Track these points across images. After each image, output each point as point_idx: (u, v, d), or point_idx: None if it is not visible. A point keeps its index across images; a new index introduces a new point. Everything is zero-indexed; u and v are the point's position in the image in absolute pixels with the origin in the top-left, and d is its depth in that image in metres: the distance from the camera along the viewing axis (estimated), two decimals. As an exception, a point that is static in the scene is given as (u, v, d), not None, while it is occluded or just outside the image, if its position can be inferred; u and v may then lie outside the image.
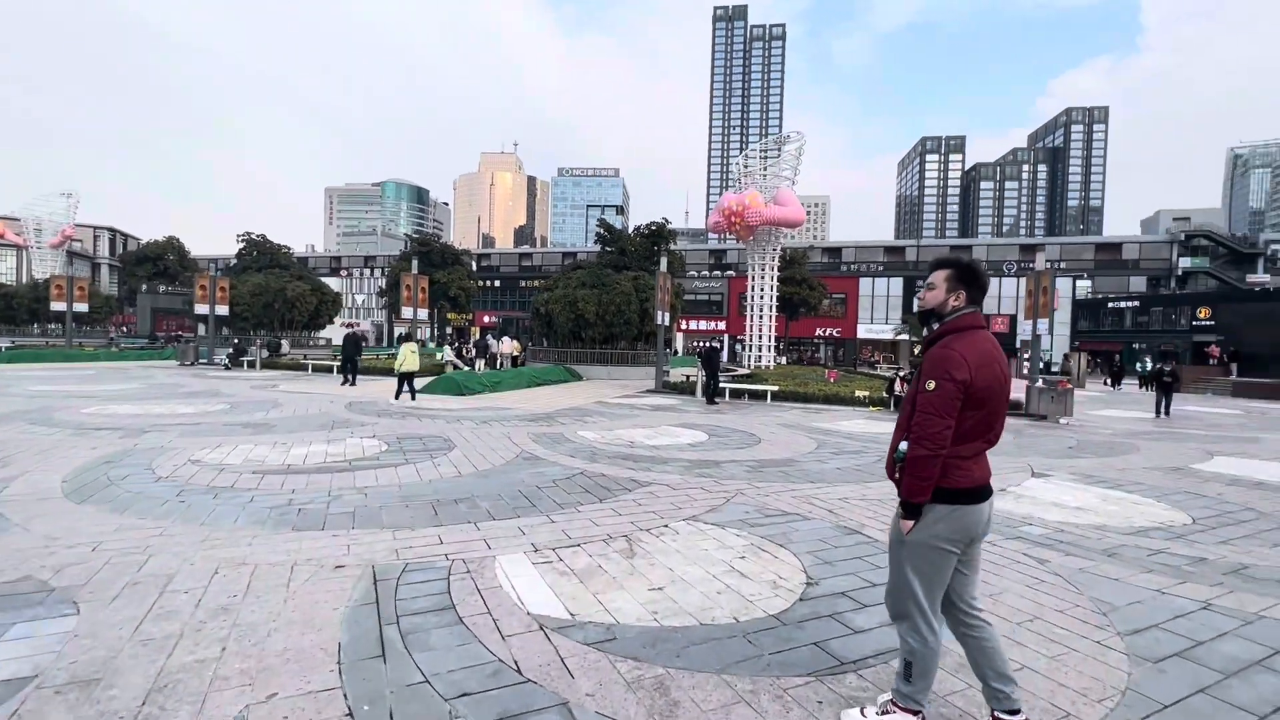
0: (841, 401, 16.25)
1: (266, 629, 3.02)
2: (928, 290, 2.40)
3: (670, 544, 4.54)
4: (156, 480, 5.88)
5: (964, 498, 2.26)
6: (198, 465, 6.56)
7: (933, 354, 2.29)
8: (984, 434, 2.30)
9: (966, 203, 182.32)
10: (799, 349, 55.08)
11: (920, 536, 2.28)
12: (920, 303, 2.46)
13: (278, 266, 40.44)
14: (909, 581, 2.33)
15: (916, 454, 2.21)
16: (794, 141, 32.89)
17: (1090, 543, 4.92)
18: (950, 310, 2.36)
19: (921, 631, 2.31)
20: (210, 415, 10.54)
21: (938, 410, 2.18)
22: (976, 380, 2.19)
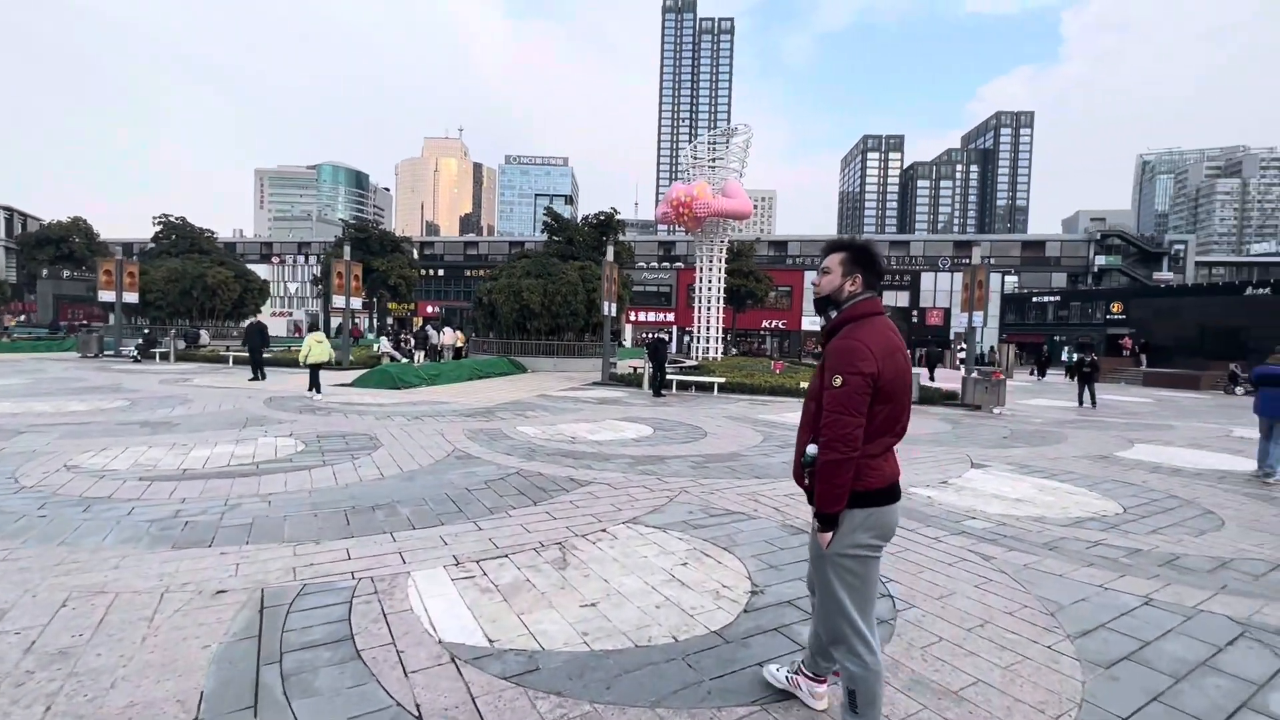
0: (787, 393, 16.31)
1: (112, 678, 2.50)
2: (823, 275, 2.21)
3: (607, 551, 4.20)
4: (17, 491, 5.09)
5: (879, 499, 2.10)
6: (73, 472, 5.76)
7: (835, 346, 2.10)
8: (892, 428, 2.13)
9: (905, 200, 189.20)
10: (746, 340, 55.78)
11: (842, 547, 2.12)
12: (816, 289, 2.28)
13: (199, 251, 37.66)
14: (839, 599, 2.15)
15: (829, 458, 2.02)
16: (742, 134, 32.98)
17: (1032, 536, 4.88)
18: (848, 296, 2.18)
19: (859, 653, 2.12)
20: (104, 413, 9.49)
21: (848, 408, 2.00)
22: (884, 372, 2.03)
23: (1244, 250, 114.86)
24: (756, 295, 45.52)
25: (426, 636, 2.94)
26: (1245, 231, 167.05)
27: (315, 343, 12.59)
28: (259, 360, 15.85)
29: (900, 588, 3.74)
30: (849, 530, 2.10)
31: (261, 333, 16.08)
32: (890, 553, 4.35)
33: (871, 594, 2.18)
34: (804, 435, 2.18)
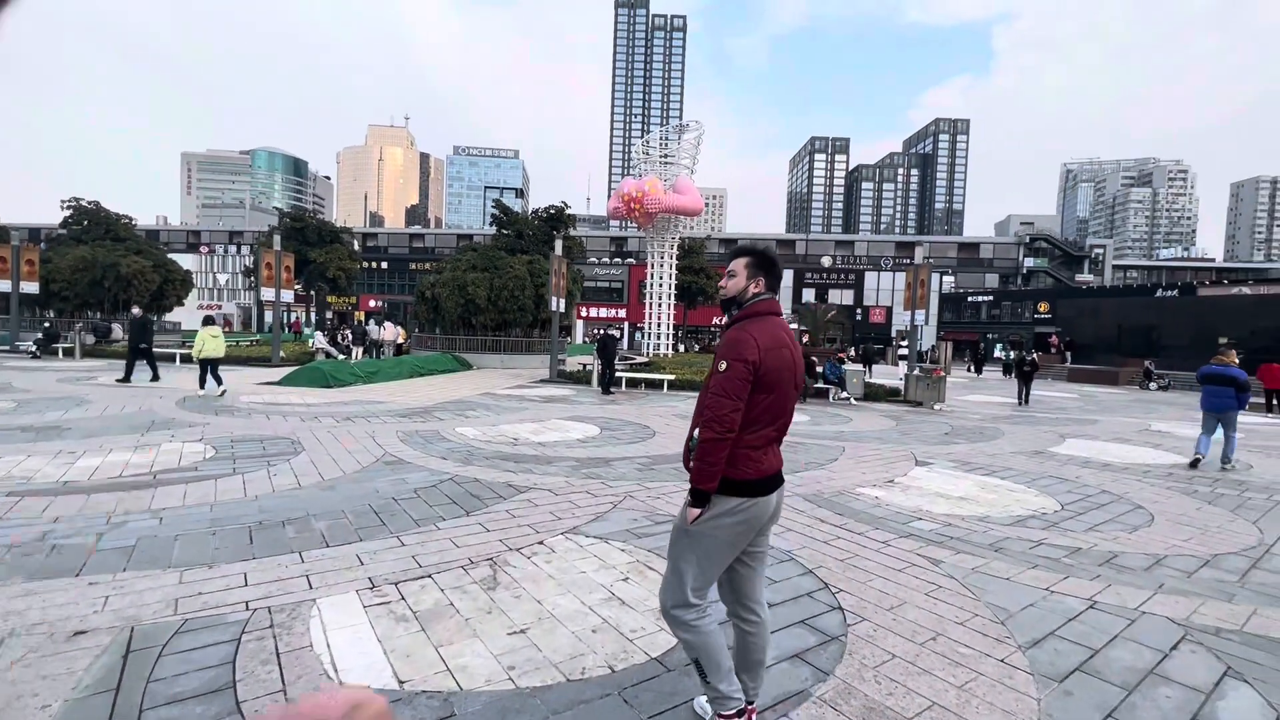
0: (736, 390, 16.27)
1: (-88, 755, 2.03)
2: (729, 279, 2.37)
3: (543, 567, 3.88)
4: None
5: (751, 489, 2.18)
6: (-74, 487, 5.00)
7: (726, 337, 2.26)
8: (773, 421, 2.24)
9: (850, 201, 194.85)
10: (697, 337, 56.10)
11: (704, 527, 2.19)
12: (722, 291, 2.41)
13: (114, 239, 34.83)
14: (682, 572, 2.23)
15: (706, 436, 2.12)
16: (693, 130, 32.94)
17: (977, 537, 4.84)
18: (750, 296, 2.34)
19: (688, 620, 2.22)
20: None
21: (727, 391, 2.14)
22: (766, 362, 2.16)
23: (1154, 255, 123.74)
24: (707, 292, 45.76)
25: (325, 680, 2.55)
26: (1155, 237, 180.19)
27: (210, 337, 11.77)
28: (138, 358, 13.39)
29: (850, 599, 3.57)
30: (716, 513, 2.17)
31: (144, 327, 13.90)
32: (840, 559, 4.20)
33: (719, 571, 2.28)
34: (696, 422, 2.23)
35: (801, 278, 55.92)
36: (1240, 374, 8.18)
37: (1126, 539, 4.98)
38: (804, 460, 7.63)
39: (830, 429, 10.49)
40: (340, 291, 50.02)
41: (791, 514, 5.24)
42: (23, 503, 4.72)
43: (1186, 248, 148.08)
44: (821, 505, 5.58)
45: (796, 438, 9.30)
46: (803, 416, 12.04)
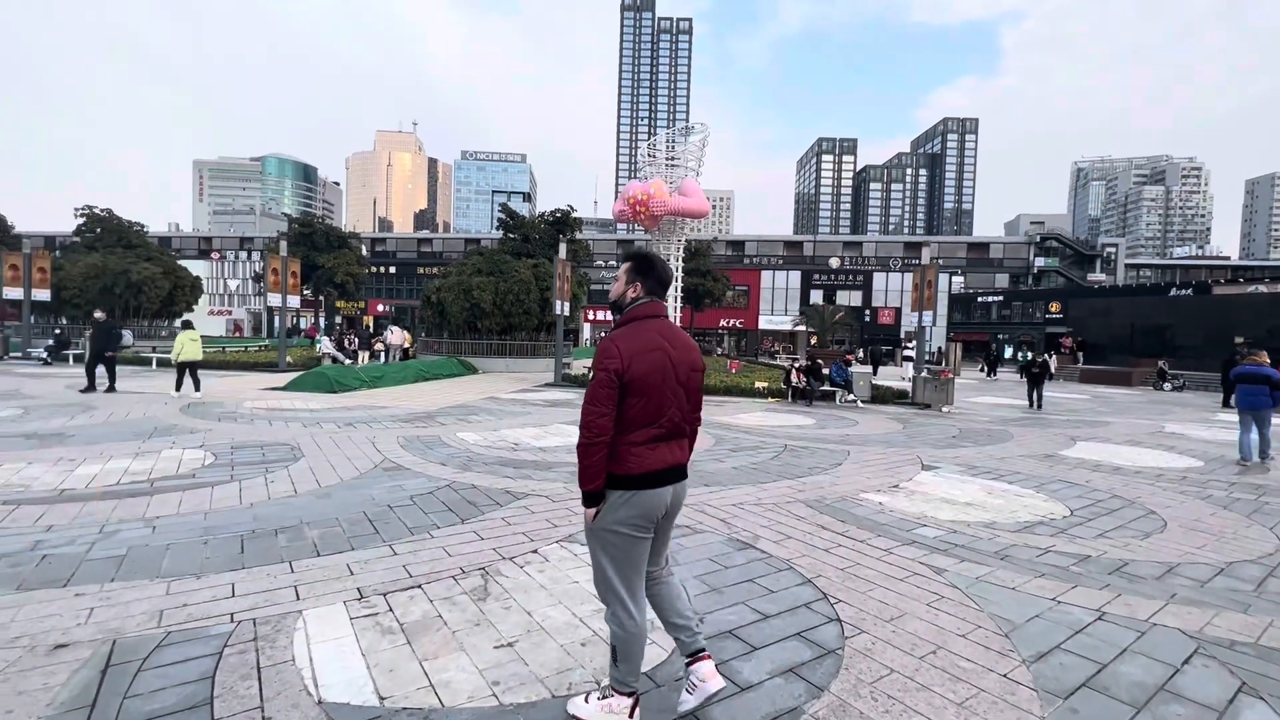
0: (741, 393, 16.19)
1: (-123, 775, 1.98)
2: (614, 283, 2.49)
3: (536, 576, 3.81)
4: None
5: (638, 483, 2.28)
6: (-76, 496, 5.01)
7: (599, 345, 2.35)
8: (655, 419, 2.31)
9: (858, 202, 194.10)
10: (704, 339, 55.95)
11: (604, 523, 2.31)
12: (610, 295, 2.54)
13: (126, 246, 35.25)
14: (603, 568, 2.35)
15: (579, 442, 2.27)
16: (699, 133, 32.93)
17: (983, 544, 4.73)
18: (630, 301, 2.43)
19: (620, 618, 2.33)
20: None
21: (594, 398, 2.24)
22: (633, 368, 2.24)
23: (1167, 254, 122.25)
24: (714, 294, 45.67)
25: (305, 696, 2.49)
26: (1168, 236, 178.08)
27: (188, 340, 12.20)
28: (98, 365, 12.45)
29: (849, 610, 3.47)
30: (610, 509, 2.29)
31: (108, 333, 12.62)
32: (840, 568, 4.10)
33: (637, 567, 2.37)
34: None
35: (809, 279, 55.66)
36: (1275, 373, 8.50)
37: (1138, 546, 4.84)
38: (807, 465, 7.52)
39: (836, 432, 10.37)
40: (349, 296, 50.42)
41: (792, 521, 5.14)
42: (18, 511, 4.71)
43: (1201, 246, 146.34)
44: (823, 511, 5.48)
45: (800, 441, 9.20)
46: (808, 419, 11.93)
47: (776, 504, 5.67)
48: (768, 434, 9.92)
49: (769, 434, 9.93)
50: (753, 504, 5.65)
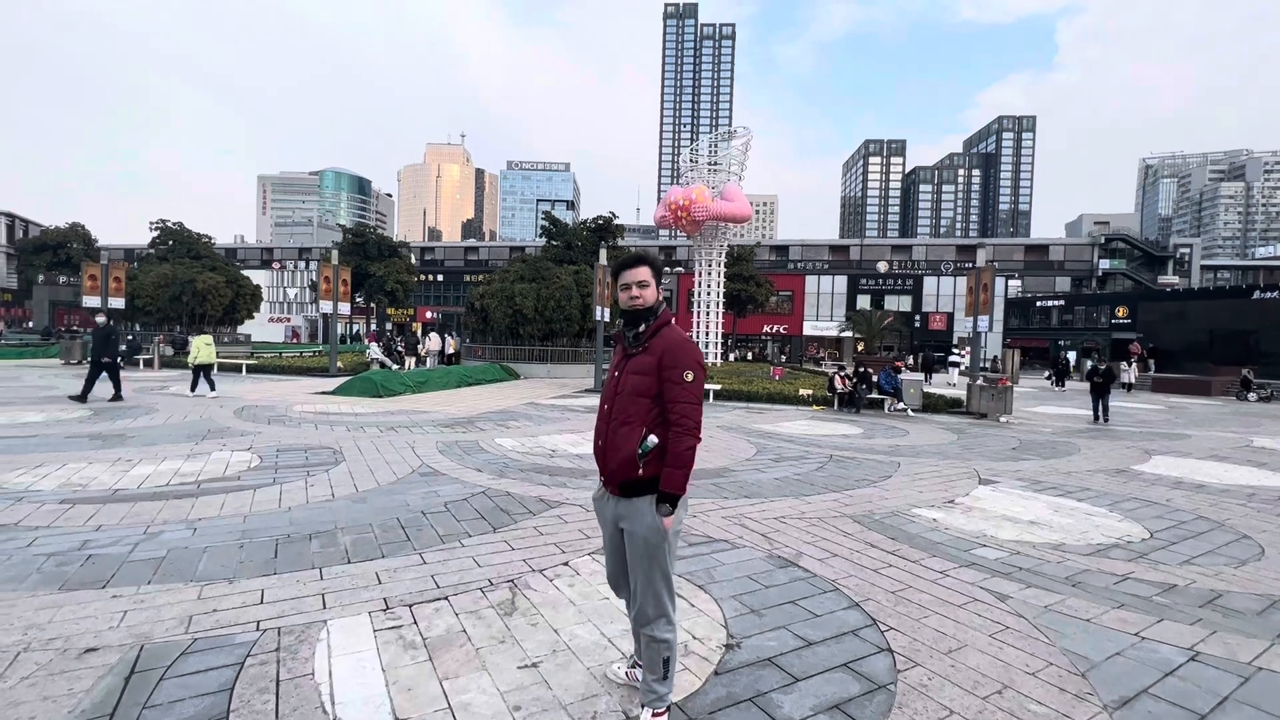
0: (785, 400, 15.76)
1: (-102, 780, 1.97)
2: (641, 289, 2.41)
3: (565, 591, 3.66)
4: (-84, 517, 4.57)
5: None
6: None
7: (677, 342, 2.35)
8: None
9: (907, 204, 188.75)
10: (747, 346, 55.23)
11: (677, 525, 2.37)
12: (635, 302, 2.41)
13: (194, 257, 37.28)
14: (665, 578, 2.36)
15: (690, 444, 2.28)
16: (741, 136, 32.55)
17: (1050, 568, 4.33)
18: (659, 303, 2.44)
19: (673, 629, 2.37)
20: (58, 424, 8.99)
21: (698, 398, 2.31)
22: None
23: (1249, 254, 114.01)
24: (757, 300, 45.03)
25: (319, 714, 2.40)
26: (1249, 235, 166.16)
27: (204, 345, 13.44)
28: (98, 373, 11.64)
29: (902, 639, 3.18)
30: (682, 512, 2.37)
31: (107, 339, 11.58)
32: (891, 591, 3.80)
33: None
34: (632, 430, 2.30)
35: (856, 284, 54.28)
36: None
37: (1232, 575, 4.34)
38: (854, 477, 7.16)
39: (884, 442, 9.90)
40: (398, 303, 51.92)
41: (838, 537, 4.84)
42: (73, 510, 4.86)
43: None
44: (871, 527, 5.15)
45: (847, 452, 8.81)
46: (854, 429, 11.47)
47: (821, 518, 5.37)
48: (812, 443, 9.55)
49: (813, 443, 9.56)
50: (795, 518, 5.36)
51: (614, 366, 2.47)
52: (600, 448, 2.42)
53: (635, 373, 2.34)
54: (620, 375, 2.39)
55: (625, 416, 2.32)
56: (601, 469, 2.44)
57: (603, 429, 2.41)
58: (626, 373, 2.36)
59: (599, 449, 2.43)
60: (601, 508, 2.51)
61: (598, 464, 2.47)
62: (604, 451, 2.39)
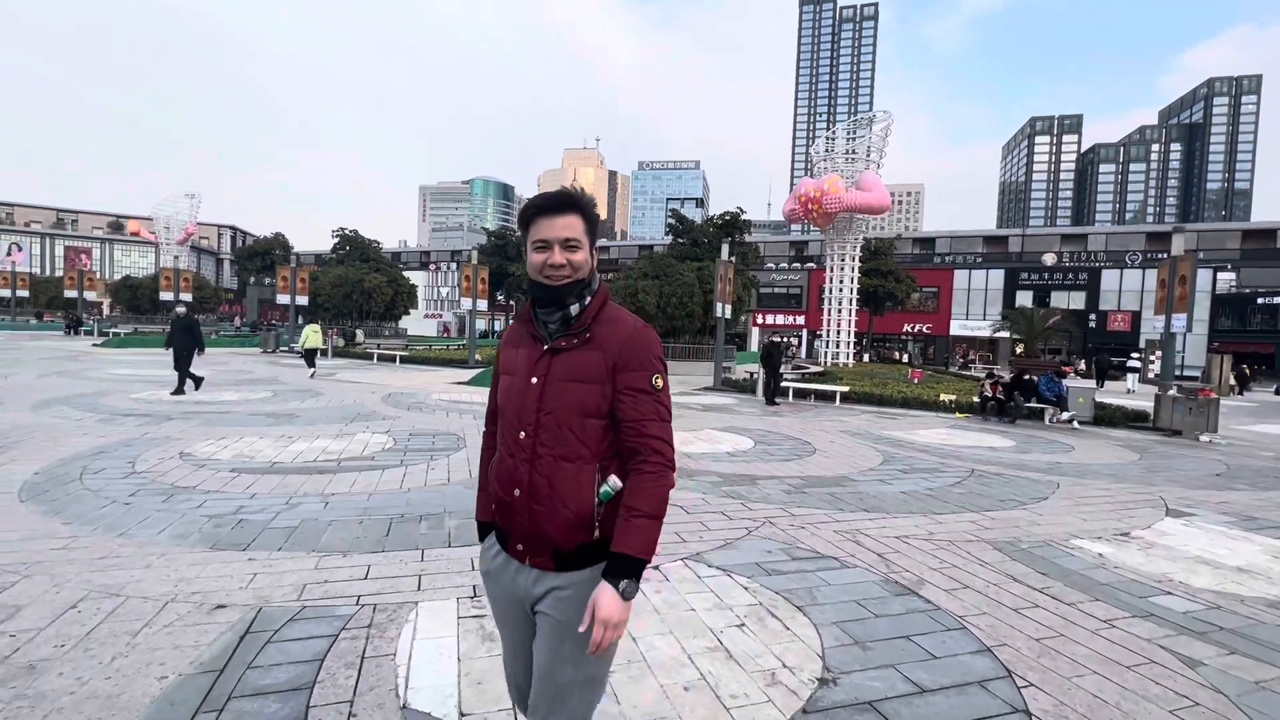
0: (923, 406, 14.38)
1: (53, 706, 2.27)
2: (569, 250, 1.45)
3: (651, 597, 3.49)
4: (126, 477, 5.48)
5: None
6: (183, 460, 6.17)
7: (634, 331, 1.48)
8: None
9: (1082, 188, 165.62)
10: (884, 346, 51.68)
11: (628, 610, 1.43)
12: (558, 272, 1.45)
13: (367, 260, 42.35)
14: (601, 689, 1.51)
15: (669, 485, 1.44)
16: (881, 121, 30.31)
17: (1265, 632, 3.39)
18: (594, 274, 1.53)
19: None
20: (246, 403, 10.49)
21: (670, 413, 1.50)
22: None
23: None
24: (897, 297, 41.94)
25: (392, 698, 2.43)
26: None
27: (312, 333, 16.15)
28: (187, 365, 10.97)
29: (1045, 700, 2.62)
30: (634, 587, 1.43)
31: (188, 329, 10.88)
32: (1035, 638, 3.18)
33: None
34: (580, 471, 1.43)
35: (1015, 278, 48.55)
36: None
37: None
38: (999, 496, 6.25)
39: (1042, 458, 8.61)
40: (534, 301, 55.05)
41: (971, 565, 4.20)
42: (238, 479, 5.57)
43: None
44: (1015, 557, 4.41)
45: (993, 466, 7.76)
46: (1004, 441, 10.13)
47: (953, 541, 4.71)
48: (951, 454, 8.55)
49: (952, 454, 8.55)
50: (921, 538, 4.75)
51: (521, 367, 1.50)
52: (516, 499, 1.45)
53: (573, 379, 1.44)
54: (542, 382, 1.45)
55: (563, 449, 1.42)
56: (513, 529, 1.48)
57: (516, 469, 1.45)
58: (554, 379, 1.44)
59: (512, 501, 1.46)
60: (501, 582, 1.53)
61: (501, 521, 1.52)
62: (526, 504, 1.44)
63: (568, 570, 1.44)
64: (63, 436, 6.98)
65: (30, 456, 6.01)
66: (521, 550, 1.47)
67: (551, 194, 1.45)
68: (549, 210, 1.44)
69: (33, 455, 6.06)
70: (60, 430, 7.32)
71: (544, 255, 1.44)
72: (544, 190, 1.63)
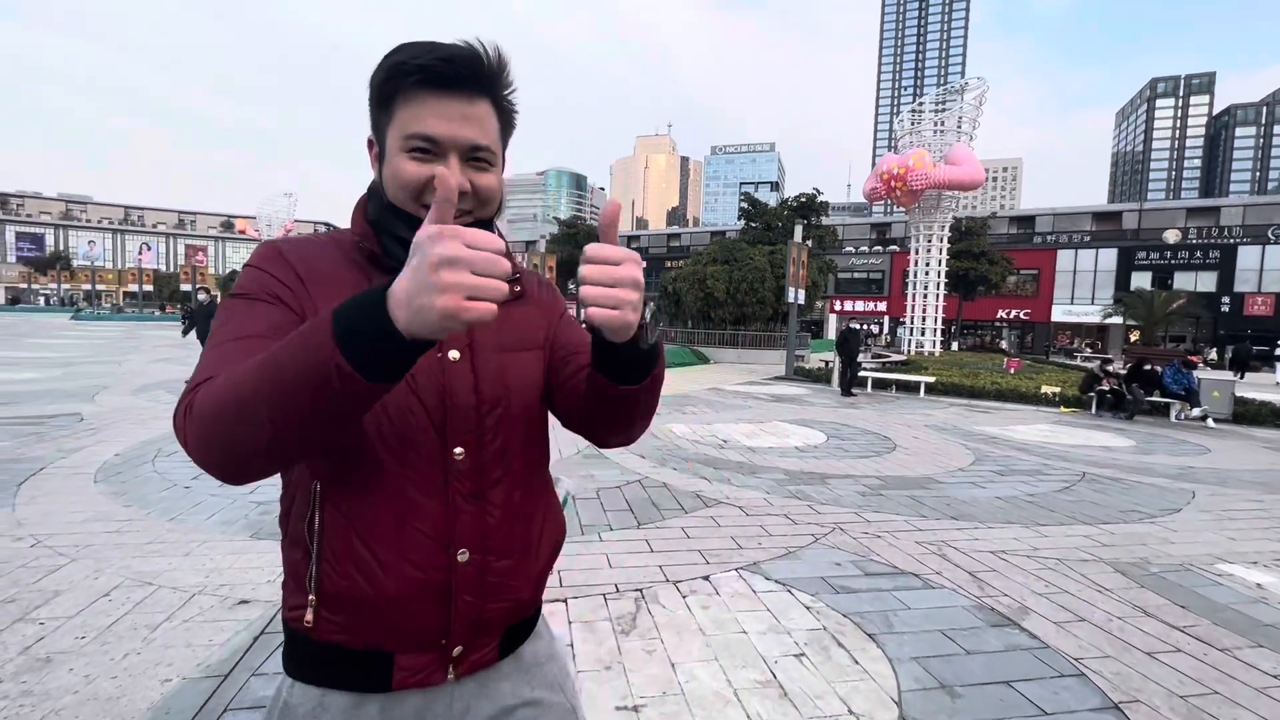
0: (1022, 398, 13.04)
1: (56, 705, 2.16)
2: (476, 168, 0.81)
3: (698, 614, 3.08)
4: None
5: None
6: (250, 444, 6.32)
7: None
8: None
9: (1214, 154, 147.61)
10: (976, 333, 48.24)
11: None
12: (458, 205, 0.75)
13: (443, 251, 43.99)
14: None
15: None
16: (974, 89, 27.96)
17: None
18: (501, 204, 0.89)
19: None
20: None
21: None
22: None
23: None
24: (990, 280, 38.87)
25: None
26: None
27: None
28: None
29: (1200, 787, 2.01)
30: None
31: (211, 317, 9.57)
32: (1179, 694, 2.53)
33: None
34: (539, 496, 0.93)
35: (1130, 258, 43.82)
36: None
37: None
38: (1118, 505, 5.37)
39: (1169, 461, 7.46)
40: (605, 289, 55.41)
41: (1088, 593, 3.51)
42: (296, 464, 5.61)
43: None
44: (1144, 584, 3.67)
45: (1109, 470, 6.77)
46: (1121, 440, 8.92)
47: (1063, 560, 4.00)
48: (1055, 454, 7.56)
49: (1057, 454, 7.56)
50: (1023, 555, 4.07)
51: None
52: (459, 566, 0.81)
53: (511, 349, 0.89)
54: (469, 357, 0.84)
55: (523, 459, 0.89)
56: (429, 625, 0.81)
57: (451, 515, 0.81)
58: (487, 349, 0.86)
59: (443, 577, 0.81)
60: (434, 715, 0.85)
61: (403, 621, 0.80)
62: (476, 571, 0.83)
63: (511, 653, 0.91)
64: (150, 419, 7.39)
65: (118, 438, 6.35)
66: (456, 656, 0.84)
67: (449, 47, 0.77)
68: (452, 84, 0.77)
69: (120, 437, 6.40)
70: (150, 413, 7.76)
71: (426, 169, 0.78)
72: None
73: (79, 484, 4.77)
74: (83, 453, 5.67)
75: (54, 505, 4.25)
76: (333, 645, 0.80)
